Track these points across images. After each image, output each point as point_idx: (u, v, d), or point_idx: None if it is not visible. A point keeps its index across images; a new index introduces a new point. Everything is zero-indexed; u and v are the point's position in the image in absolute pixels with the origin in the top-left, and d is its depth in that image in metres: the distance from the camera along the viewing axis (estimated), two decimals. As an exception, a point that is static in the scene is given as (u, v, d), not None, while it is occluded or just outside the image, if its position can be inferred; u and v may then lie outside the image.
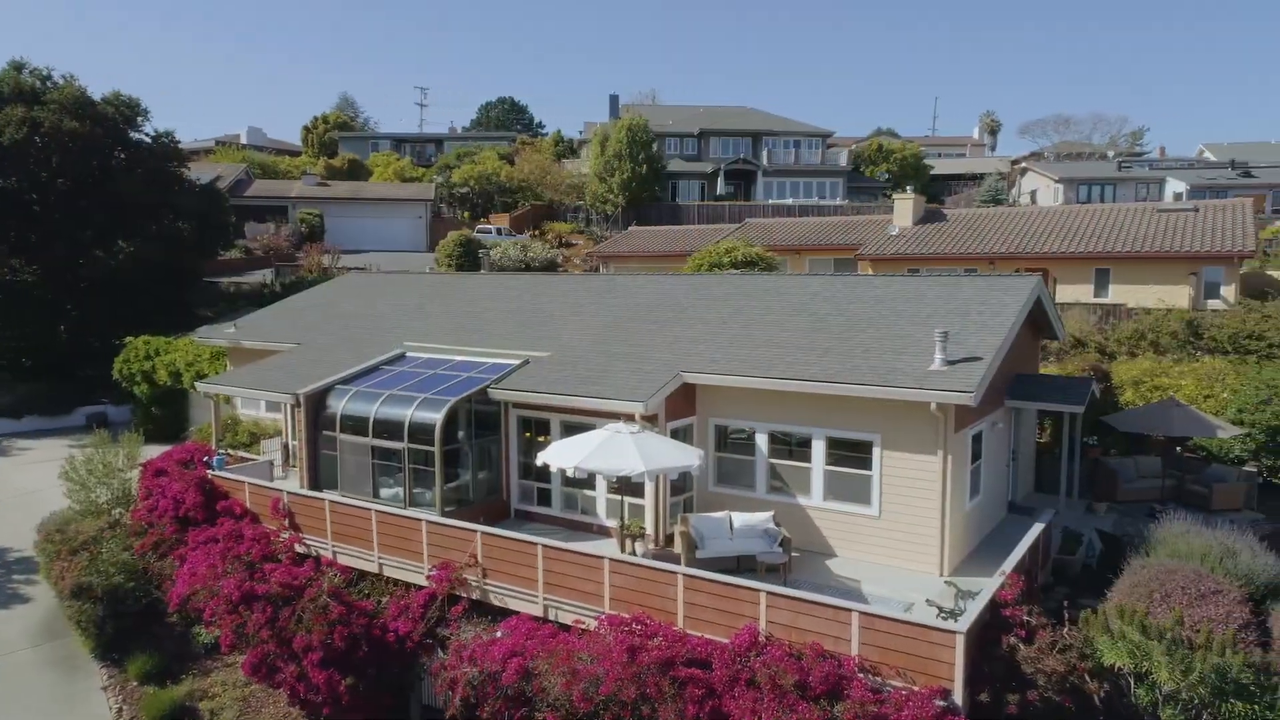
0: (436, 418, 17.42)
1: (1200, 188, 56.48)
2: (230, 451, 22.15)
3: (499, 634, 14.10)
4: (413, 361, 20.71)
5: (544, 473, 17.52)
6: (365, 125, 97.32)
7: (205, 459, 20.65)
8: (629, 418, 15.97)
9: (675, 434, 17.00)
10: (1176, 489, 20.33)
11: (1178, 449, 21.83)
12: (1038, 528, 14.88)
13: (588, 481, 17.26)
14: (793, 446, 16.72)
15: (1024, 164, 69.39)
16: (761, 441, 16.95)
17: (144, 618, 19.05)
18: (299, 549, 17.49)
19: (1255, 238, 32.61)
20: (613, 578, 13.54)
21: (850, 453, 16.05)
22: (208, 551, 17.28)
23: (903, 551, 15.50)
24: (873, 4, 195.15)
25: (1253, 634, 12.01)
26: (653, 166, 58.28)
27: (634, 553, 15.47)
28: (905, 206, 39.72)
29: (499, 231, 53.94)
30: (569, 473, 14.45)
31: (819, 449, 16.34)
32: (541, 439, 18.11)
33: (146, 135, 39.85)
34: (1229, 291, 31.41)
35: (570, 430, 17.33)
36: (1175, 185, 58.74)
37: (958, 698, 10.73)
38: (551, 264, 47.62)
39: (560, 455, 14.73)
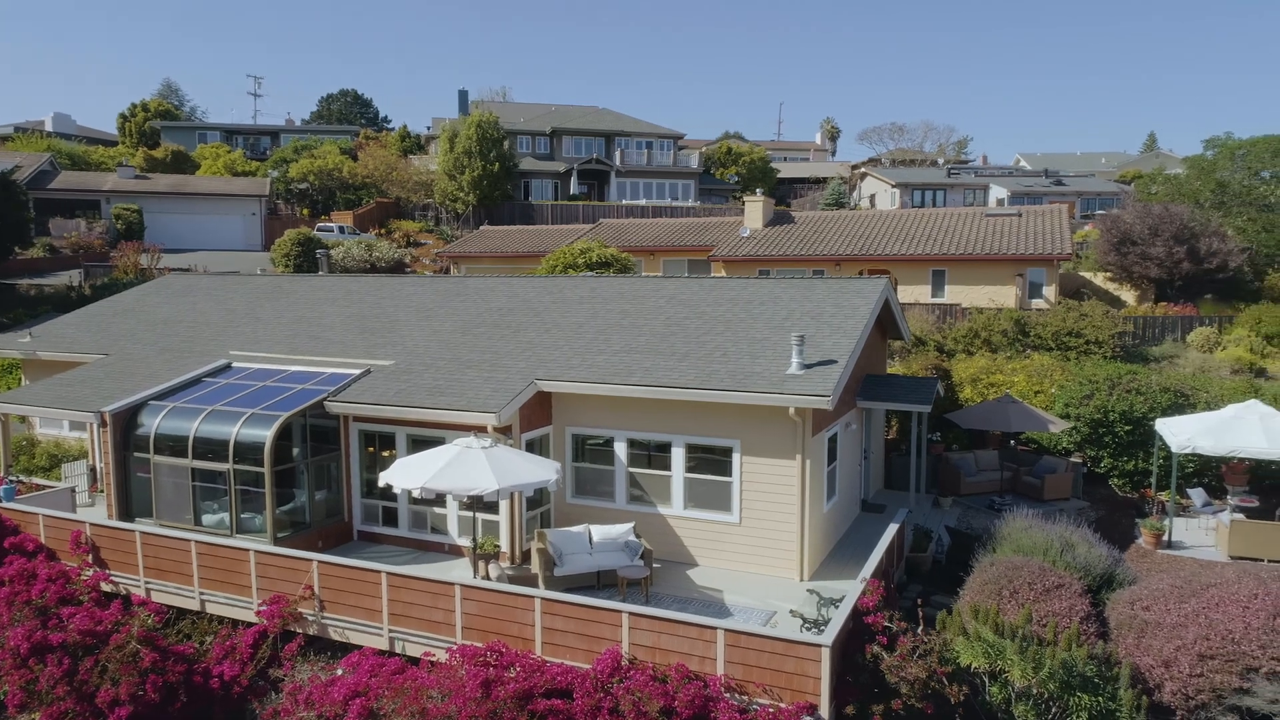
0: (266, 434, 15.88)
1: (1019, 194, 60.74)
2: (22, 479, 19.49)
3: (339, 672, 12.86)
4: (240, 373, 18.92)
5: (390, 490, 16.32)
6: (191, 114, 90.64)
7: (-9, 488, 18.06)
8: (481, 430, 15.07)
9: (531, 445, 16.22)
10: (1013, 481, 21.37)
11: (1012, 442, 23.00)
12: (893, 528, 15.06)
13: (438, 498, 16.20)
14: (652, 454, 16.28)
15: (863, 169, 72.66)
16: (620, 450, 16.42)
17: (-86, 676, 16.39)
18: (105, 588, 15.50)
19: (1071, 241, 35.08)
20: (465, 604, 12.61)
21: (710, 459, 15.77)
22: (-8, 597, 15.00)
23: (764, 558, 15.35)
24: (715, 6, 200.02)
25: (1093, 625, 12.49)
26: (504, 165, 56.97)
27: (488, 575, 14.57)
28: (756, 209, 40.40)
29: (341, 230, 51.14)
30: (415, 493, 13.38)
31: (679, 456, 15.97)
32: (386, 454, 16.89)
33: (-77, 118, 35.15)
34: (1050, 291, 33.62)
35: (418, 444, 16.23)
36: (998, 191, 62.93)
37: (824, 712, 10.51)
38: (399, 264, 45.57)
39: (405, 474, 13.64)
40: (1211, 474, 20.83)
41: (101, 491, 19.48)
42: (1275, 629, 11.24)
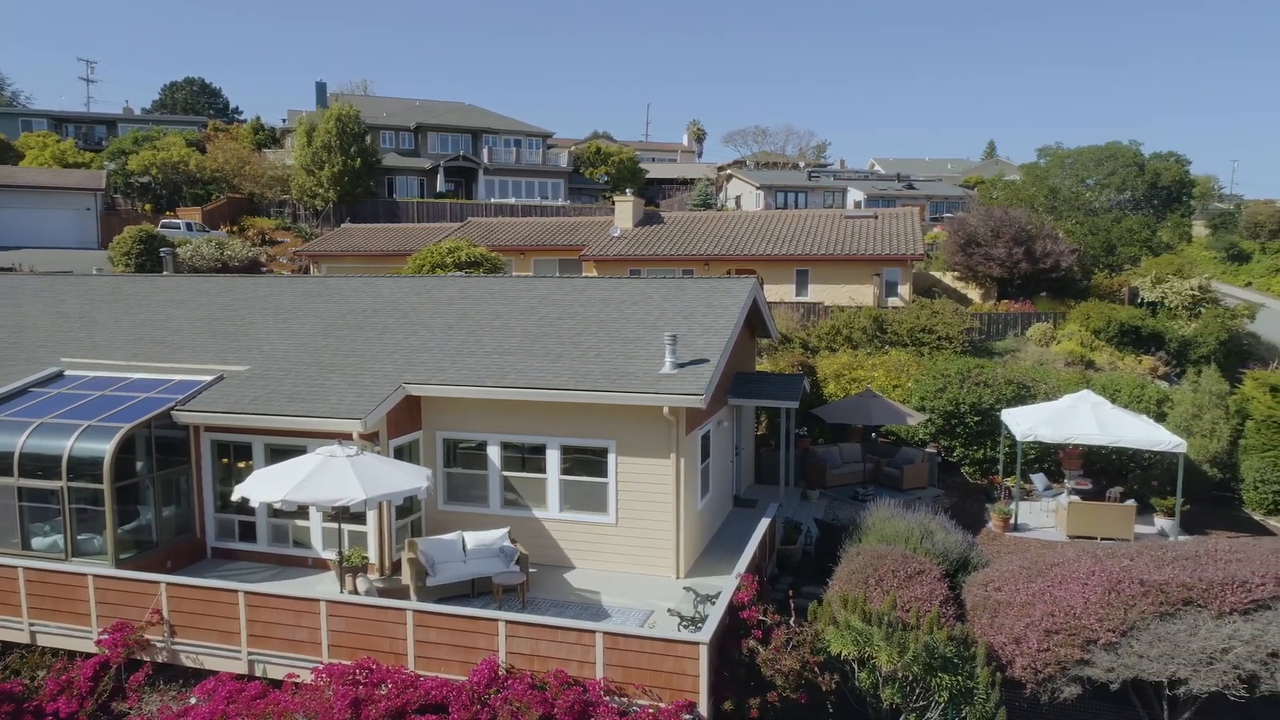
0: (106, 448, 14.67)
1: (874, 197, 63.70)
2: None
3: (193, 700, 12.04)
4: (75, 381, 17.40)
5: (247, 504, 15.38)
6: (13, 100, 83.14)
7: None
8: (346, 437, 14.42)
9: (400, 452, 15.67)
10: (875, 472, 22.30)
11: (873, 435, 24.01)
12: (765, 523, 15.39)
13: (300, 510, 15.40)
14: (526, 456, 16.04)
15: (729, 171, 74.39)
16: (494, 454, 16.09)
17: None
18: (-85, 624, 13.92)
19: (922, 242, 37.01)
20: (331, 621, 12.02)
21: (586, 460, 15.68)
22: None
23: (641, 557, 15.39)
24: (581, 5, 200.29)
25: (952, 608, 13.14)
26: (366, 160, 54.96)
27: (356, 589, 13.96)
28: (626, 209, 40.61)
29: (189, 227, 48.00)
30: (276, 505, 12.67)
31: (554, 458, 15.80)
32: (243, 464, 15.93)
33: None
34: (905, 290, 35.35)
35: (278, 454, 15.39)
36: (855, 194, 65.79)
37: (703, 709, 10.61)
38: (254, 264, 43.18)
39: (264, 486, 12.88)
40: (1051, 460, 22.40)
41: (-91, 516, 17.50)
42: (1111, 603, 12.13)
